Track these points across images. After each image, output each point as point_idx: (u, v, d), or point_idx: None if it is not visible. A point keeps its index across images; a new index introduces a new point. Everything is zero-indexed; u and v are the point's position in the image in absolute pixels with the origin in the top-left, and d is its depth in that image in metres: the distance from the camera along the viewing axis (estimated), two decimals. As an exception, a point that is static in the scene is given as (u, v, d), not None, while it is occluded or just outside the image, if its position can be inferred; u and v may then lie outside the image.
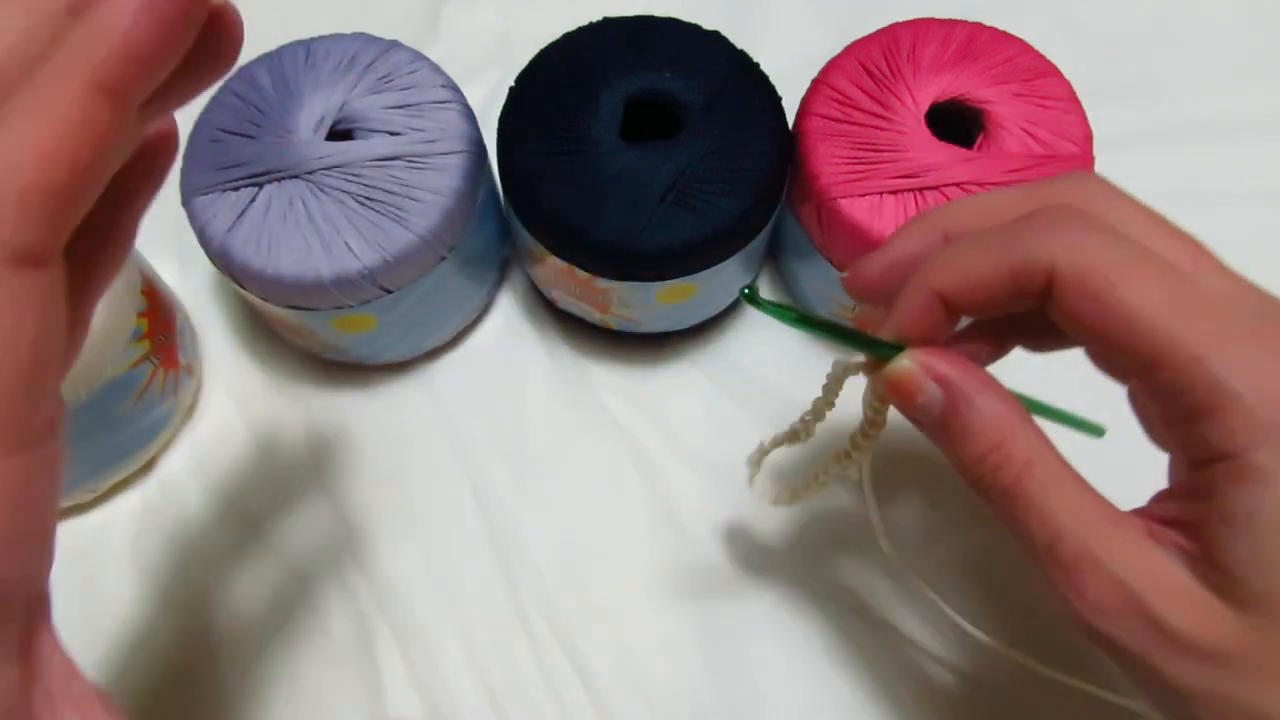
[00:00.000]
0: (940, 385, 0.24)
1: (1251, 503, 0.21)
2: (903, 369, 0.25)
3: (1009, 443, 0.24)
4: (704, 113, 0.37)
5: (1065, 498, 0.23)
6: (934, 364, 0.25)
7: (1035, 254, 0.23)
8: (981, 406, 0.24)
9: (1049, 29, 0.43)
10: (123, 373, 0.36)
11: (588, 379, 0.43)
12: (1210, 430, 0.21)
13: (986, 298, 0.24)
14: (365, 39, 0.40)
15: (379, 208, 0.36)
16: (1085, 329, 0.23)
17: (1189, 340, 0.21)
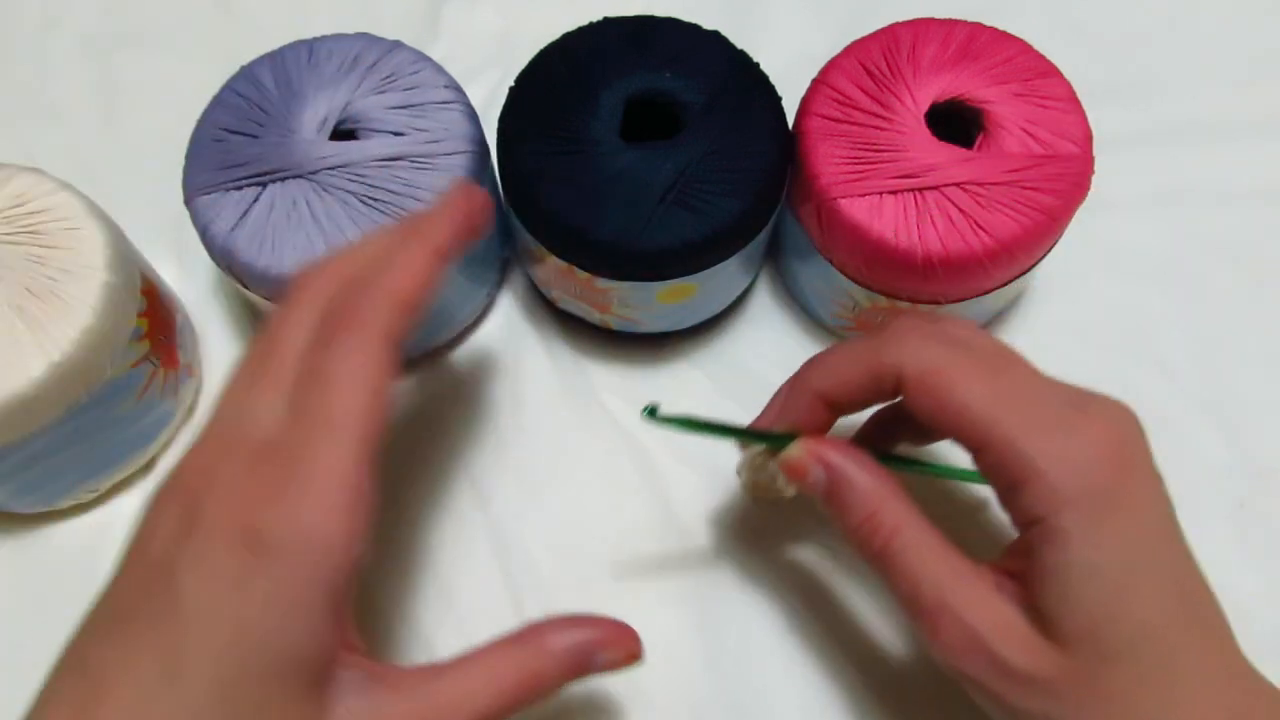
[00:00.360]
0: (824, 467, 0.30)
1: (1057, 560, 0.26)
2: (794, 456, 0.31)
3: (879, 513, 0.29)
4: (704, 113, 0.37)
5: (925, 557, 0.28)
6: (818, 450, 0.30)
7: (888, 360, 0.29)
8: (856, 483, 0.29)
9: (1049, 29, 0.43)
10: (123, 373, 0.36)
11: (588, 379, 0.43)
12: (1024, 498, 0.26)
13: (856, 395, 0.30)
14: (368, 39, 0.40)
15: (382, 208, 0.36)
16: (930, 420, 0.28)
17: (1005, 427, 0.26)
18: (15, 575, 0.40)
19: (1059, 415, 0.27)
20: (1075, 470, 0.26)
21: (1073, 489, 0.26)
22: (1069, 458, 0.26)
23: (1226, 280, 0.45)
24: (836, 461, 0.30)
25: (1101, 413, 0.27)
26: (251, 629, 0.23)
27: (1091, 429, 0.27)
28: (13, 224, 0.36)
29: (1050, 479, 0.26)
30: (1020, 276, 0.39)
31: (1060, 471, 0.26)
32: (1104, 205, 0.40)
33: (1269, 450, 0.41)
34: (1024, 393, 0.27)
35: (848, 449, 0.30)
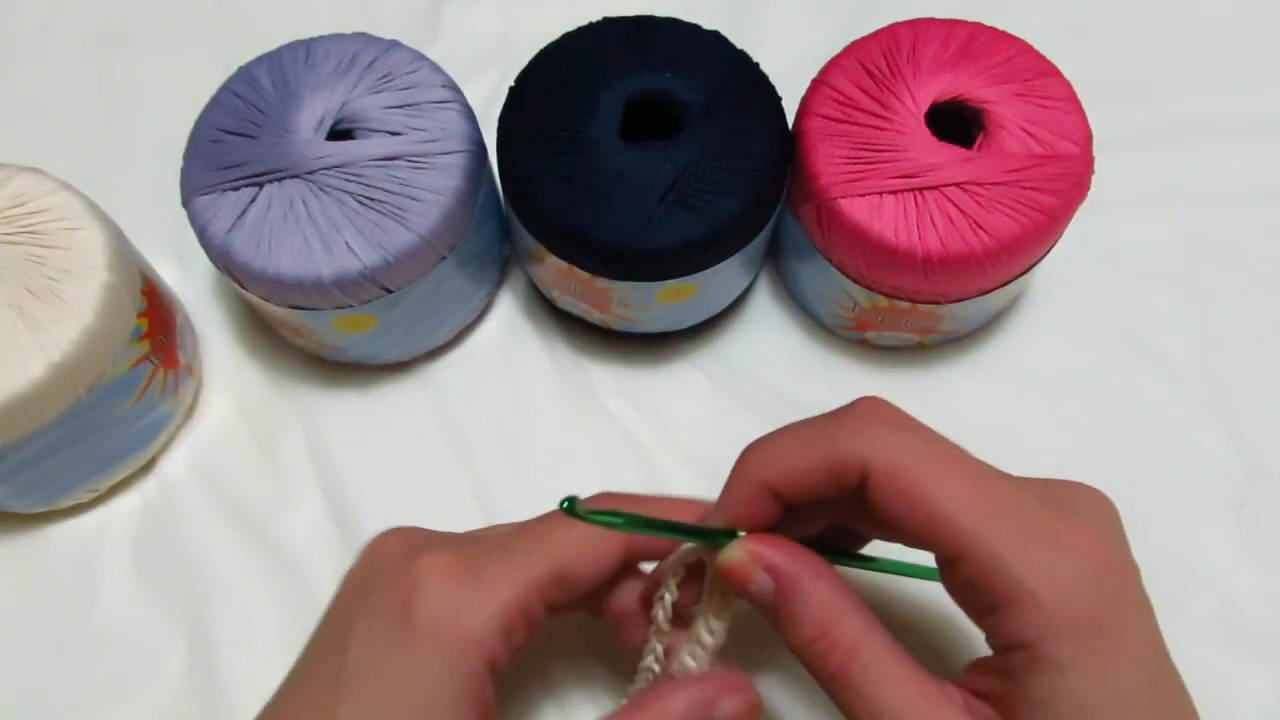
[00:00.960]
0: (770, 573, 0.26)
1: (1048, 690, 0.23)
2: (734, 559, 0.26)
3: (834, 628, 0.25)
4: (704, 113, 0.37)
5: (886, 679, 0.25)
6: (764, 552, 0.26)
7: (849, 451, 0.25)
8: (808, 594, 0.26)
9: (1049, 29, 0.43)
10: (123, 373, 0.36)
11: (588, 379, 0.43)
12: (1009, 622, 0.24)
13: (809, 489, 0.26)
14: (365, 39, 0.40)
15: (380, 207, 0.36)
16: (896, 523, 0.25)
17: (989, 539, 0.24)
18: (15, 575, 0.40)
19: (1042, 523, 0.24)
20: (1067, 594, 0.23)
21: (1065, 615, 0.23)
22: (1059, 579, 0.23)
23: (1226, 280, 0.45)
24: (784, 566, 0.26)
25: (1084, 516, 0.25)
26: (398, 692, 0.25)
27: (1076, 537, 0.24)
28: (13, 224, 0.36)
29: (1041, 603, 0.23)
30: (1020, 276, 0.39)
31: (1051, 595, 0.23)
32: (1104, 205, 0.40)
33: (1269, 450, 0.41)
34: (1002, 497, 0.25)
35: (796, 550, 0.26)
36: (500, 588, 0.27)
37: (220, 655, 0.38)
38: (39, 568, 0.40)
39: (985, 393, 0.42)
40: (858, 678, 0.25)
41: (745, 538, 0.27)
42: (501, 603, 0.27)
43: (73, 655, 0.39)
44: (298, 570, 0.40)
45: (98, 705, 0.38)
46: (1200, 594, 0.39)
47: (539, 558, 0.28)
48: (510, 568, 0.27)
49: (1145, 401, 0.43)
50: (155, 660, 0.39)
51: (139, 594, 0.39)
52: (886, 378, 0.43)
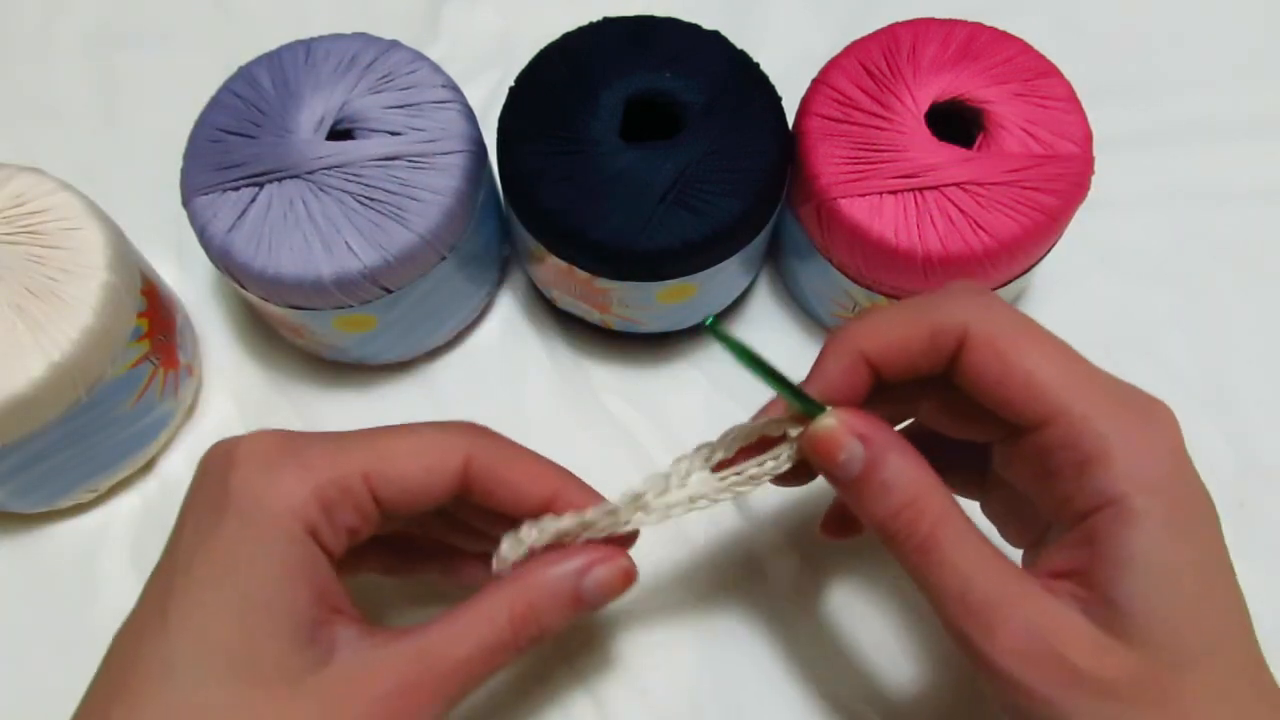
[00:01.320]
0: (863, 443, 0.26)
1: (1137, 544, 0.24)
2: (828, 426, 0.27)
3: (924, 498, 0.26)
4: (704, 113, 0.37)
5: (974, 551, 0.25)
6: (857, 422, 0.27)
7: (951, 318, 0.26)
8: (900, 463, 0.26)
9: (1049, 29, 0.43)
10: (123, 373, 0.36)
11: (588, 379, 0.43)
12: (1099, 477, 0.24)
13: (906, 358, 0.27)
14: (365, 39, 0.40)
15: (379, 207, 0.36)
16: (988, 385, 0.26)
17: (1080, 401, 0.25)
18: (15, 575, 0.40)
19: (1129, 397, 0.25)
20: (1152, 454, 0.24)
21: (1152, 473, 0.24)
22: (1145, 441, 0.24)
23: (1226, 280, 0.45)
24: (878, 438, 0.26)
25: (1160, 405, 0.26)
26: (222, 570, 0.25)
27: (1158, 415, 0.25)
28: (13, 224, 0.36)
29: (1129, 456, 0.24)
30: (1020, 276, 0.39)
31: (1140, 452, 0.24)
32: (1104, 205, 0.40)
33: (1269, 450, 0.41)
34: (1092, 371, 0.26)
35: (887, 425, 0.27)
36: (318, 465, 0.26)
37: (220, 655, 0.38)
38: (39, 568, 0.40)
39: (985, 393, 0.42)
40: (947, 547, 0.25)
41: (841, 409, 0.27)
42: (318, 476, 0.26)
43: (73, 655, 0.39)
44: (298, 570, 0.40)
45: (98, 705, 0.38)
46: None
47: (365, 450, 0.27)
48: (331, 450, 0.27)
49: (1145, 401, 0.42)
50: (155, 660, 0.38)
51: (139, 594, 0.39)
52: (886, 378, 0.43)
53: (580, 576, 0.28)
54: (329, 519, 0.27)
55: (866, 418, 0.27)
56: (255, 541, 0.25)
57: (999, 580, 0.25)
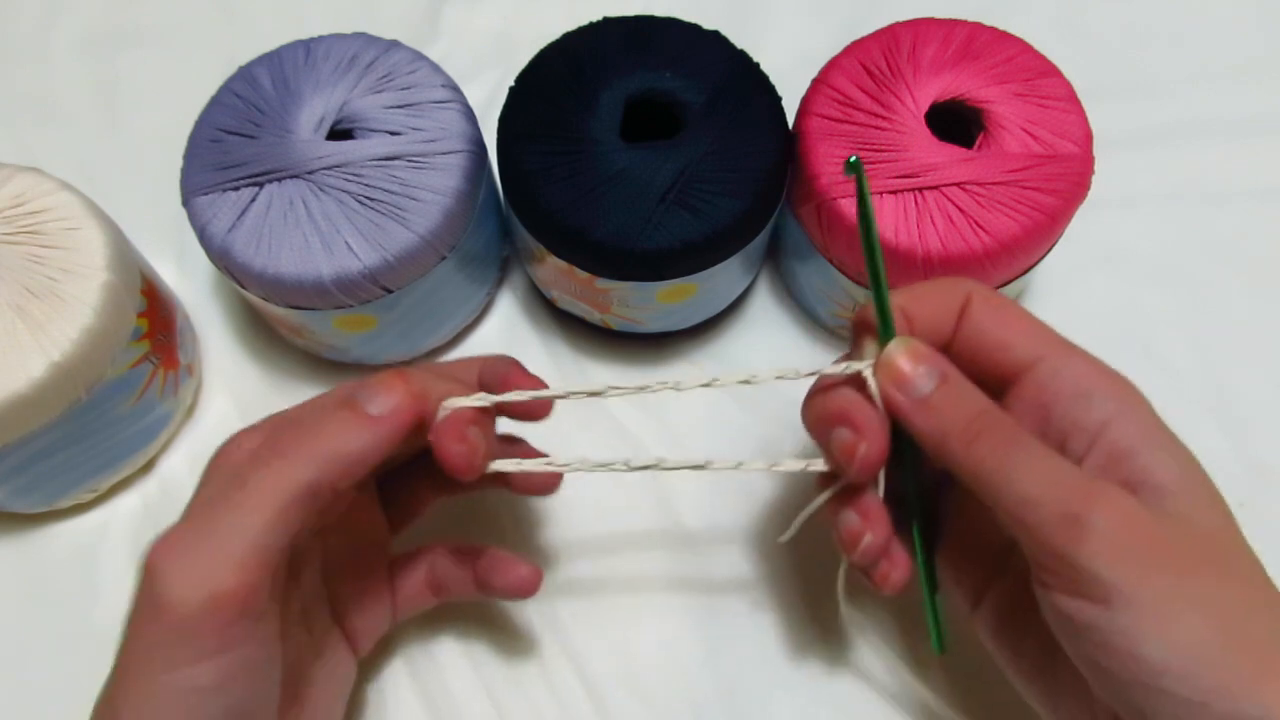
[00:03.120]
0: (934, 365, 0.29)
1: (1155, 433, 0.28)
2: (906, 346, 0.29)
3: (993, 408, 0.28)
4: (704, 113, 0.37)
5: (1051, 450, 0.27)
6: (926, 348, 0.29)
7: (959, 288, 0.30)
8: (965, 381, 0.29)
9: (1049, 29, 0.43)
10: (123, 373, 0.36)
11: (588, 379, 0.43)
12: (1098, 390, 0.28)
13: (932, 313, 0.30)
14: (365, 39, 0.40)
15: (379, 207, 0.36)
16: (990, 327, 0.29)
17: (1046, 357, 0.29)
18: (15, 575, 0.40)
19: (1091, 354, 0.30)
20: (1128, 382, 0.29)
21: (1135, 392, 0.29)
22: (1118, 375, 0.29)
23: (1226, 280, 0.45)
24: (947, 367, 0.29)
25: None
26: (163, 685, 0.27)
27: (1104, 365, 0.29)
28: (13, 224, 0.36)
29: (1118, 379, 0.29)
30: (1020, 276, 0.39)
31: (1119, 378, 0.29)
32: (1104, 205, 0.40)
33: (1269, 450, 0.41)
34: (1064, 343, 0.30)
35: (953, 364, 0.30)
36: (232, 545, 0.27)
37: (220, 655, 0.38)
38: (39, 568, 0.40)
39: (985, 392, 0.43)
40: (1027, 443, 0.27)
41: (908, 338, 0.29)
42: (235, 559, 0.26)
43: (73, 655, 0.39)
44: (298, 570, 0.40)
45: (98, 705, 0.38)
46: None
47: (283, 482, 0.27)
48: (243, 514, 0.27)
49: (1145, 401, 0.43)
50: (155, 660, 0.38)
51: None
52: (886, 378, 0.43)
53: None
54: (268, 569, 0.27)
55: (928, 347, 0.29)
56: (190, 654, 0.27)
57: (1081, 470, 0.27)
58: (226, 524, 0.27)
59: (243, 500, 0.27)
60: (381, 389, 0.29)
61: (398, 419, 0.28)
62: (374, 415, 0.28)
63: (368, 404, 0.28)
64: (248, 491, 0.27)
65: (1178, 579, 0.25)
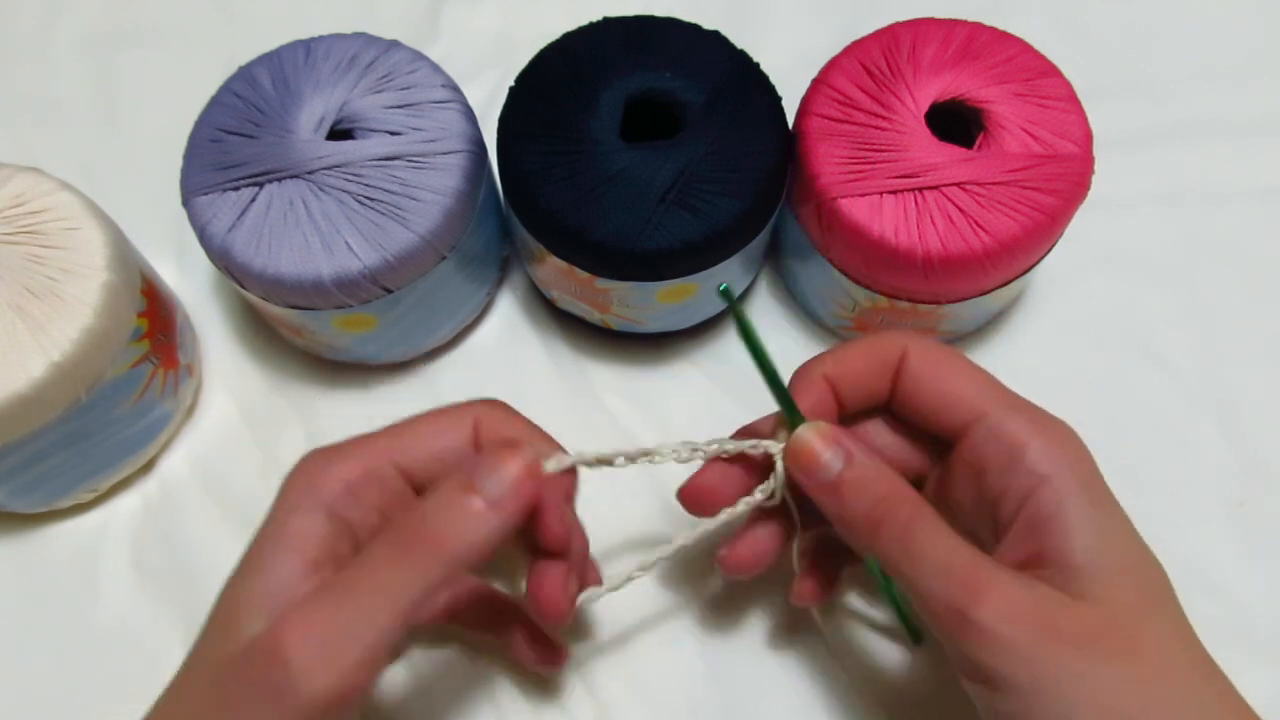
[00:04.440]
0: (840, 447, 0.29)
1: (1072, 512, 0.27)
2: (810, 434, 0.30)
3: (899, 491, 0.29)
4: (704, 113, 0.37)
5: (949, 534, 0.27)
6: (834, 430, 0.30)
7: (894, 344, 0.30)
8: (874, 464, 0.29)
9: (1049, 29, 0.43)
10: (123, 373, 0.36)
11: (588, 379, 0.43)
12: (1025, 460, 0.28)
13: (860, 379, 0.31)
14: (365, 39, 0.40)
15: (379, 207, 0.36)
16: (924, 393, 0.30)
17: (999, 405, 0.29)
18: (15, 575, 0.40)
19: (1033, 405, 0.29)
20: (1064, 440, 0.28)
21: (1067, 453, 0.28)
22: (1055, 431, 0.29)
23: (1226, 280, 0.45)
24: (851, 441, 0.30)
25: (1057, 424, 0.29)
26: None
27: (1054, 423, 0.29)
28: (13, 224, 0.36)
29: (1048, 441, 0.28)
30: (1020, 276, 0.39)
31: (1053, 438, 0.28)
32: (1104, 205, 0.40)
33: (1269, 450, 0.41)
34: (1007, 389, 0.30)
35: (854, 432, 0.31)
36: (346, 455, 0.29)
37: (220, 655, 0.38)
38: (39, 568, 0.40)
39: (985, 393, 0.43)
40: (927, 526, 0.27)
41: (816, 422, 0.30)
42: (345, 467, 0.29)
43: (73, 655, 0.39)
44: (298, 570, 0.40)
45: (98, 705, 0.38)
46: (1199, 593, 0.38)
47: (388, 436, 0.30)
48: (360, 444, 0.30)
49: (1145, 401, 0.43)
50: (155, 660, 0.38)
51: (139, 594, 0.40)
52: (886, 378, 0.43)
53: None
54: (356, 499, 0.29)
55: (838, 428, 0.30)
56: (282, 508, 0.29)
57: (978, 556, 0.27)
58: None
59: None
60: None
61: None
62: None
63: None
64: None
65: (1070, 665, 0.25)
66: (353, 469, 0.29)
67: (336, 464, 0.29)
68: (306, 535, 0.28)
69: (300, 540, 0.28)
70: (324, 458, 0.29)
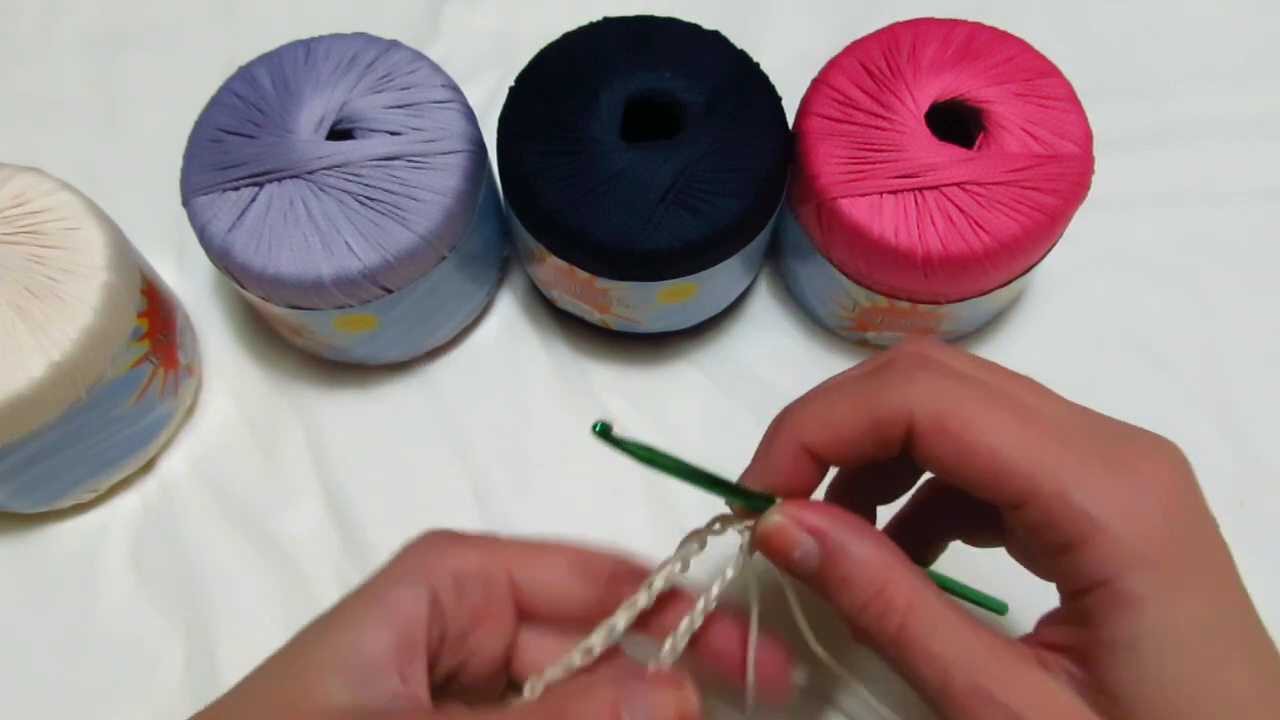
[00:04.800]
0: (815, 537, 0.25)
1: (1131, 629, 0.22)
2: (775, 523, 0.25)
3: (889, 588, 0.24)
4: (704, 113, 0.37)
5: (951, 636, 0.23)
6: (806, 516, 0.25)
7: (894, 404, 0.24)
8: (858, 555, 0.24)
9: (1049, 29, 0.43)
10: (123, 373, 0.36)
11: (588, 379, 0.43)
12: (1083, 560, 0.22)
13: (852, 449, 0.25)
14: (365, 39, 0.40)
15: (379, 207, 0.36)
16: (949, 471, 0.23)
17: (1053, 475, 0.22)
18: (15, 575, 0.40)
19: (1108, 454, 0.23)
20: (1141, 522, 0.22)
21: (1141, 545, 0.22)
22: (1132, 508, 0.22)
23: (1226, 280, 0.45)
24: (828, 527, 0.24)
25: (1153, 449, 0.24)
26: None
27: (1147, 469, 0.23)
28: (13, 224, 0.36)
29: (1116, 535, 0.22)
30: (1020, 276, 0.39)
31: (1125, 525, 0.22)
32: (1104, 205, 0.40)
33: (1269, 450, 0.41)
34: (1062, 431, 0.23)
35: (836, 511, 0.25)
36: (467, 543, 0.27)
37: (220, 655, 0.38)
38: (39, 568, 0.40)
39: (985, 393, 0.42)
40: (921, 637, 0.23)
41: (786, 502, 0.25)
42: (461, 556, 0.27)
43: (73, 655, 0.39)
44: (297, 570, 0.40)
45: (98, 705, 0.38)
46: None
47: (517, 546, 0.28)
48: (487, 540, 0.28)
49: (1145, 401, 0.42)
50: (155, 660, 0.39)
51: (139, 594, 0.39)
52: (886, 378, 0.43)
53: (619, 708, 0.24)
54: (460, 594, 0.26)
55: (816, 507, 0.25)
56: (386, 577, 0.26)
57: (981, 665, 0.23)
58: None
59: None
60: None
61: None
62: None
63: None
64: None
65: None
66: (468, 562, 0.27)
67: (454, 552, 0.27)
68: (405, 611, 0.25)
69: (398, 613, 0.25)
70: (444, 542, 0.27)
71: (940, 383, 0.24)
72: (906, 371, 0.24)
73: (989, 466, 0.23)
